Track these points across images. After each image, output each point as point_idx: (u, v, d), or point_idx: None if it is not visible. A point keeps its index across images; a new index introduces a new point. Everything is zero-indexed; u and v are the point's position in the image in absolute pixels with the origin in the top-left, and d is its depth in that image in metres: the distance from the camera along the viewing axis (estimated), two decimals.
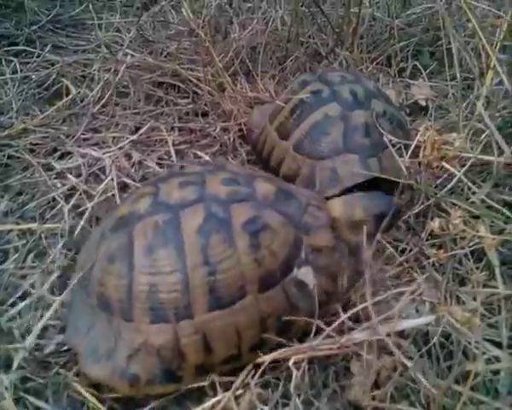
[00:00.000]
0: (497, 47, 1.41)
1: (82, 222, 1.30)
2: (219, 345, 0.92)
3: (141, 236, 0.94)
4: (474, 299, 1.03)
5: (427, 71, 1.92)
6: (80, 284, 1.02)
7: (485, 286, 1.06)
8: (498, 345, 0.95)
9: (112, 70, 1.75)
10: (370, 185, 1.25)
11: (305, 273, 0.98)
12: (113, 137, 1.60)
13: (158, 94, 1.77)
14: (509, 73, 1.49)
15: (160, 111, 1.72)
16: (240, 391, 0.91)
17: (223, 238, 0.93)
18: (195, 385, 0.94)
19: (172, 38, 1.89)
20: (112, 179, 1.42)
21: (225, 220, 0.94)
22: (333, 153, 1.33)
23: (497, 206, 1.12)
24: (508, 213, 1.11)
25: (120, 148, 1.53)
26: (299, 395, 0.88)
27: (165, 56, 1.82)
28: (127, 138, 1.57)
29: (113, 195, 1.40)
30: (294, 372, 0.87)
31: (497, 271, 1.03)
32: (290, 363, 0.88)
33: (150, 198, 1.00)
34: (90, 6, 2.03)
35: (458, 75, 1.52)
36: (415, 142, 1.26)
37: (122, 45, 1.84)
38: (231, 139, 1.62)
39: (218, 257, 0.92)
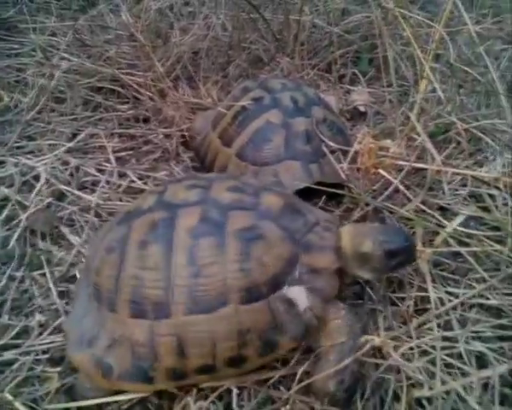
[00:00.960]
0: (431, 56, 1.47)
1: (16, 234, 1.25)
2: (193, 352, 0.89)
3: (137, 230, 0.95)
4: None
5: (366, 77, 1.98)
6: (85, 274, 1.05)
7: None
8: None
9: (47, 75, 1.69)
10: (311, 191, 1.27)
11: (297, 293, 0.92)
12: (49, 145, 1.54)
13: (96, 99, 1.72)
14: (441, 81, 1.56)
15: (98, 117, 1.68)
16: None
17: (213, 242, 0.91)
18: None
19: (111, 42, 1.85)
20: (47, 187, 1.37)
21: (220, 225, 0.92)
22: (275, 159, 1.34)
23: (429, 211, 1.17)
24: (440, 217, 1.15)
25: (56, 155, 1.48)
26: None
27: (104, 61, 1.77)
28: (63, 146, 1.52)
29: (50, 204, 1.35)
30: (235, 390, 0.88)
31: (428, 278, 1.07)
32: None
33: (156, 196, 1.01)
34: (24, 8, 1.94)
35: (394, 83, 1.58)
36: (353, 148, 1.30)
37: (58, 49, 1.78)
38: (174, 145, 1.59)
39: (205, 260, 0.90)
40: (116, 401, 0.94)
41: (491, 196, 1.21)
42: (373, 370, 0.96)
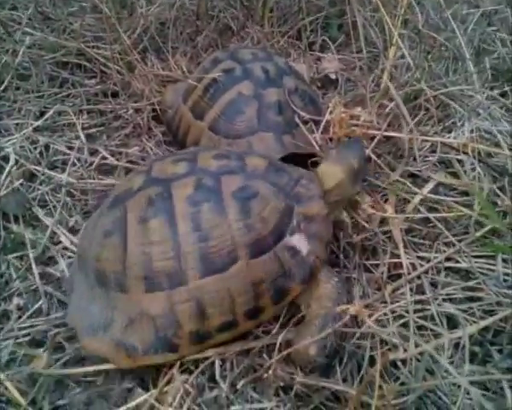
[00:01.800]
0: (399, 22, 1.47)
1: None
2: (214, 311, 0.92)
3: (134, 209, 0.96)
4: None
5: (336, 44, 1.96)
6: (79, 264, 1.04)
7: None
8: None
9: (10, 51, 1.63)
10: (285, 161, 1.28)
11: (298, 240, 0.99)
12: (16, 124, 1.50)
13: (63, 75, 1.67)
14: (410, 47, 1.57)
15: (66, 93, 1.63)
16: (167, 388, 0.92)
17: (213, 206, 0.94)
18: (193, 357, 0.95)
19: (75, 14, 1.78)
20: (16, 168, 1.34)
21: (215, 190, 0.96)
22: (248, 132, 1.34)
23: (401, 179, 1.19)
24: (411, 185, 1.18)
25: (24, 135, 1.44)
26: (224, 379, 0.90)
27: (69, 34, 1.71)
28: (31, 124, 1.48)
29: (21, 185, 1.32)
30: (217, 362, 0.92)
31: (401, 245, 1.10)
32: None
33: (143, 175, 1.03)
34: None
35: (364, 50, 1.58)
36: (325, 118, 1.30)
37: (20, 24, 1.70)
38: (145, 120, 1.57)
39: (209, 224, 0.93)
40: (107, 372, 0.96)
41: (459, 161, 1.25)
42: (349, 337, 0.99)
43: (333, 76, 1.86)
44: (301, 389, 0.92)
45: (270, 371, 0.91)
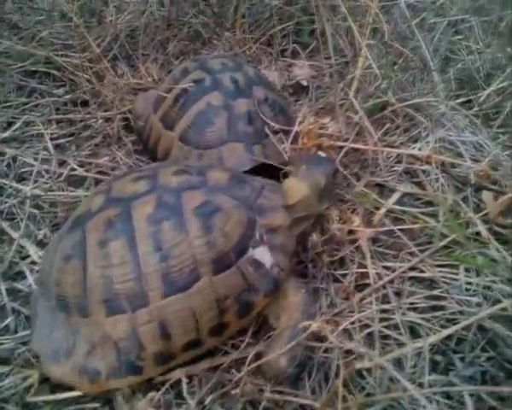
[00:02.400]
0: (368, 31, 1.49)
1: None
2: (177, 331, 0.91)
3: (93, 231, 0.95)
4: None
5: (308, 50, 1.98)
6: (41, 290, 1.02)
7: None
8: None
9: None
10: (255, 172, 1.29)
11: (261, 253, 0.98)
12: None
13: (31, 84, 1.65)
14: (378, 56, 1.60)
15: (34, 103, 1.61)
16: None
17: (173, 224, 0.93)
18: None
19: (43, 22, 1.76)
20: None
21: (176, 207, 0.95)
22: (218, 142, 1.34)
23: (368, 190, 1.22)
24: (378, 196, 1.20)
25: None
26: (192, 396, 0.90)
27: (37, 42, 1.69)
28: None
29: None
30: (184, 380, 0.92)
31: (367, 255, 1.12)
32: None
33: (103, 196, 1.01)
34: None
35: (333, 58, 1.60)
36: (295, 129, 1.32)
37: None
38: (115, 129, 1.56)
39: (170, 243, 0.92)
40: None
41: (424, 171, 1.27)
42: (317, 348, 1.01)
43: (304, 83, 1.87)
44: (269, 405, 0.93)
45: (239, 387, 0.92)
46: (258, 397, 0.93)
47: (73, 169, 1.44)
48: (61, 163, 1.46)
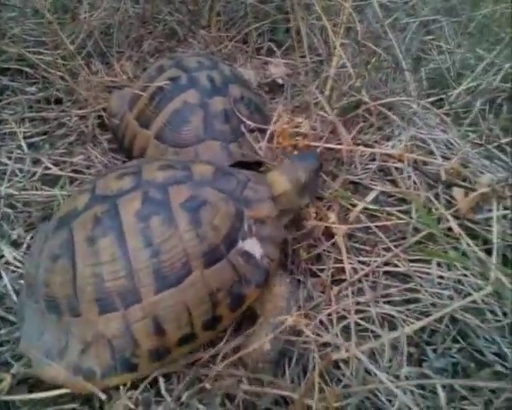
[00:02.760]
0: (342, 30, 1.51)
1: None
2: (171, 326, 0.91)
3: (80, 230, 0.94)
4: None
5: (283, 48, 1.99)
6: (28, 293, 1.00)
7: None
8: None
9: None
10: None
11: (251, 244, 0.99)
12: None
13: (3, 82, 1.62)
14: (352, 55, 1.62)
15: (6, 101, 1.58)
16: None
17: (162, 219, 0.93)
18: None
19: (16, 19, 1.72)
20: None
21: (163, 202, 0.95)
22: (195, 140, 1.34)
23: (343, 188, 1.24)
24: (352, 194, 1.23)
25: None
26: (170, 393, 0.91)
27: (10, 39, 1.66)
28: None
29: None
30: (161, 379, 0.93)
31: (344, 251, 1.15)
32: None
33: (88, 194, 1.00)
34: None
35: (308, 57, 1.62)
36: (271, 128, 1.33)
37: None
38: (90, 128, 1.55)
39: (160, 238, 0.92)
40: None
41: (397, 169, 1.30)
42: (296, 343, 1.02)
43: (280, 81, 1.89)
44: (246, 397, 0.94)
45: (215, 381, 0.93)
46: (235, 391, 0.94)
47: (47, 168, 1.42)
48: (35, 162, 1.44)
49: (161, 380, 0.94)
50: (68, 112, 1.58)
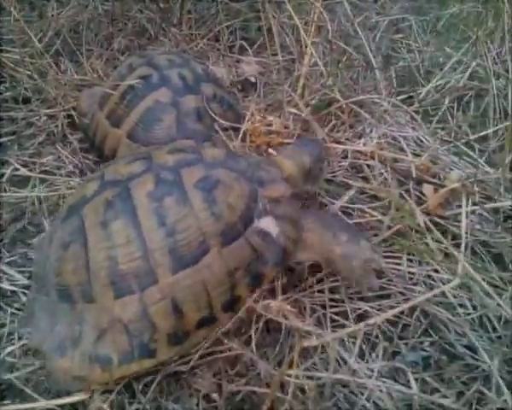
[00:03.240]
0: (313, 28, 1.52)
1: None
2: (190, 307, 0.89)
3: (92, 215, 0.92)
4: None
5: (255, 46, 1.99)
6: (38, 287, 0.99)
7: None
8: None
9: None
10: None
11: (267, 222, 0.98)
12: None
13: None
14: (324, 53, 1.64)
15: None
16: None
17: (176, 199, 0.92)
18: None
19: None
20: None
21: (176, 183, 0.94)
22: (167, 139, 1.33)
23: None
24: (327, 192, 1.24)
25: None
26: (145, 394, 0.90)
27: None
28: None
29: None
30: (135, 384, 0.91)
31: None
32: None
33: (97, 181, 0.99)
34: None
35: (280, 56, 1.63)
36: (244, 126, 1.33)
37: None
38: (59, 127, 1.52)
39: (174, 217, 0.90)
40: None
41: (369, 166, 1.32)
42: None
43: (252, 79, 1.89)
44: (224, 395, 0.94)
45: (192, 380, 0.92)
46: (212, 389, 0.94)
47: (16, 169, 1.39)
48: (3, 163, 1.41)
49: (134, 382, 0.93)
50: (37, 111, 1.55)
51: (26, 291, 1.09)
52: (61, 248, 0.94)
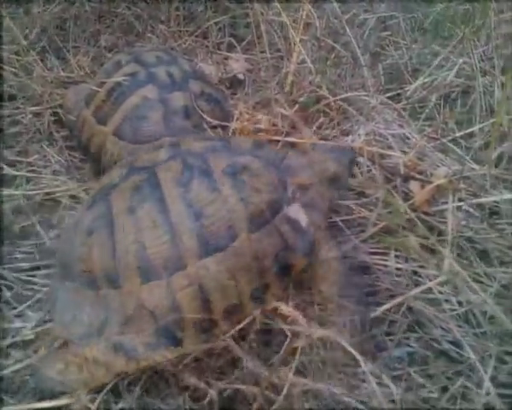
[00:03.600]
0: (301, 26, 1.52)
1: None
2: (217, 295, 0.88)
3: (118, 200, 0.92)
4: None
5: (244, 43, 1.98)
6: (61, 274, 0.97)
7: None
8: None
9: None
10: None
11: (296, 211, 0.97)
12: None
13: None
14: (312, 50, 1.64)
15: None
16: None
17: (205, 183, 0.91)
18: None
19: None
20: None
21: (204, 168, 0.93)
22: (155, 137, 1.33)
23: None
24: None
25: None
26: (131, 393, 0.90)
27: None
28: None
29: None
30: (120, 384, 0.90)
31: None
32: None
33: (123, 168, 0.98)
34: None
35: (268, 53, 1.63)
36: (232, 125, 1.33)
37: None
38: (45, 125, 1.51)
39: (203, 202, 0.90)
40: None
41: (357, 163, 1.32)
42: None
43: (241, 76, 1.88)
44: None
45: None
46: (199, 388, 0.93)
47: (1, 168, 1.37)
48: None
49: (122, 385, 0.92)
50: (22, 109, 1.53)
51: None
52: (86, 234, 0.93)
